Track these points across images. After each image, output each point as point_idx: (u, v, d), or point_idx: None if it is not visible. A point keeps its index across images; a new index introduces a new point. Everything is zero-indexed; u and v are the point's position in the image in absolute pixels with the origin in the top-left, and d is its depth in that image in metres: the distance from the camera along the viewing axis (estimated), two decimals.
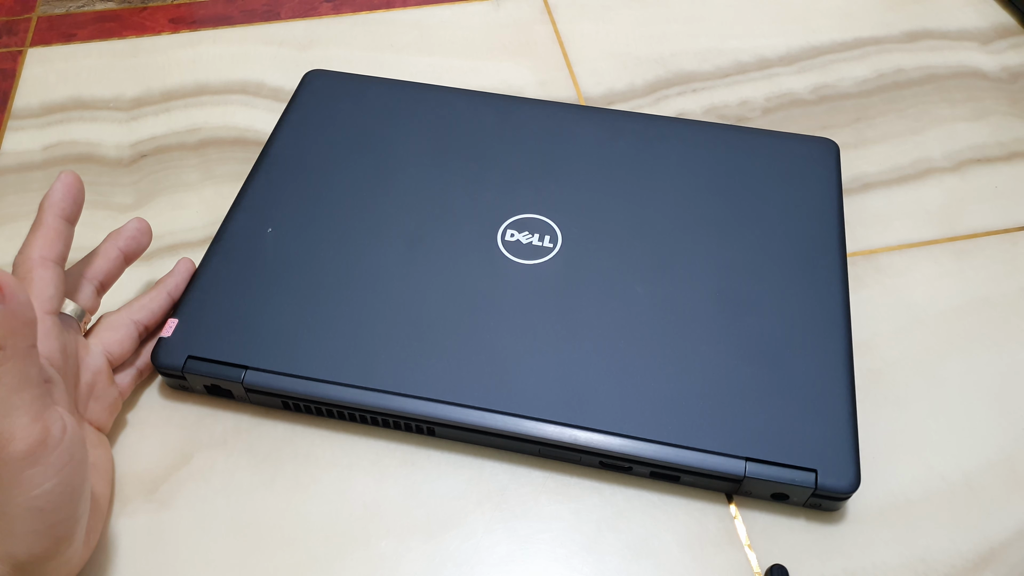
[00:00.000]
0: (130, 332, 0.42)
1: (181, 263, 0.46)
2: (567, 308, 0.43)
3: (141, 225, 0.44)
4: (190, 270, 0.45)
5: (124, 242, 0.43)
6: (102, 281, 0.42)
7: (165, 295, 0.44)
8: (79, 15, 0.65)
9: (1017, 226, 0.51)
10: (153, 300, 0.43)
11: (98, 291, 0.42)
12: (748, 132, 0.52)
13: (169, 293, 0.44)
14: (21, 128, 0.57)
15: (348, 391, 0.40)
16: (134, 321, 0.42)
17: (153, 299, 0.44)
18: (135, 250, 0.44)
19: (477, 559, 0.38)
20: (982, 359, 0.45)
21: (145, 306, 0.43)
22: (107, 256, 0.42)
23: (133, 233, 0.44)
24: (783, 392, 0.40)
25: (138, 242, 0.44)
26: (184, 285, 0.45)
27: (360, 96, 0.53)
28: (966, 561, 0.39)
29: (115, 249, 0.43)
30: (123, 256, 0.43)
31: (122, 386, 0.42)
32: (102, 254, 0.42)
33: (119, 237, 0.43)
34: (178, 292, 0.44)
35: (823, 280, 0.44)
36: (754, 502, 0.40)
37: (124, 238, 0.43)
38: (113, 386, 0.41)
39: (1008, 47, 0.62)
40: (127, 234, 0.43)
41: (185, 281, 0.45)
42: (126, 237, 0.43)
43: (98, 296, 0.42)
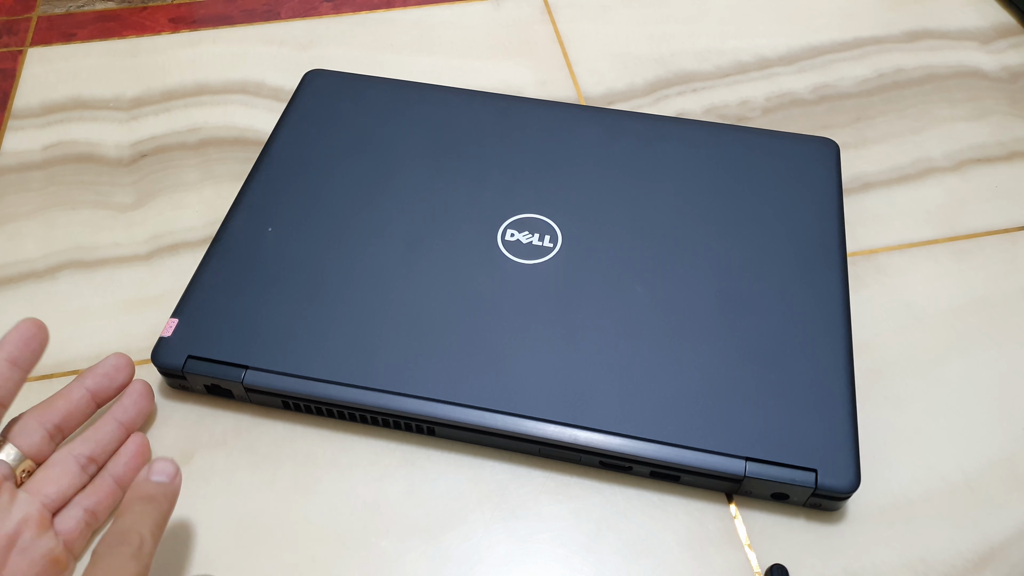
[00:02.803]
0: (68, 468, 0.37)
1: (134, 386, 0.41)
2: (567, 308, 0.43)
3: (118, 362, 0.40)
4: (143, 393, 0.41)
5: (93, 381, 0.39)
6: (58, 425, 0.38)
7: (115, 424, 0.39)
8: (79, 15, 0.65)
9: (1017, 226, 0.51)
10: (99, 431, 0.39)
11: (51, 436, 0.38)
12: (748, 132, 0.52)
13: (120, 422, 0.40)
14: (21, 128, 0.57)
15: (348, 391, 0.40)
16: (74, 455, 0.38)
17: (99, 429, 0.39)
18: (107, 390, 0.40)
19: (477, 559, 0.38)
20: (982, 359, 0.45)
21: (90, 437, 0.39)
22: (69, 398, 0.39)
23: (108, 371, 0.40)
24: (783, 392, 0.40)
25: (112, 380, 0.40)
26: (139, 412, 0.40)
27: (360, 96, 0.53)
28: (966, 561, 0.39)
29: (82, 389, 0.39)
30: (91, 397, 0.39)
31: (65, 532, 0.36)
32: (64, 395, 0.39)
33: (88, 376, 0.40)
34: (130, 420, 0.40)
35: (823, 280, 0.44)
36: (754, 502, 0.40)
37: (94, 376, 0.39)
38: (47, 535, 0.35)
39: (1008, 47, 0.62)
40: (100, 372, 0.40)
41: (139, 409, 0.40)
42: (98, 375, 0.40)
43: (51, 442, 0.38)
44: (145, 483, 0.34)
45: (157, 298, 0.48)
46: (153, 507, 0.34)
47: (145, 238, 0.51)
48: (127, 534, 0.32)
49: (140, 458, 0.40)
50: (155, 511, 0.33)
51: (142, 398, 0.41)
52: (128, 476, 0.39)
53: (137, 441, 0.40)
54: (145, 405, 0.41)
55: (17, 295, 0.48)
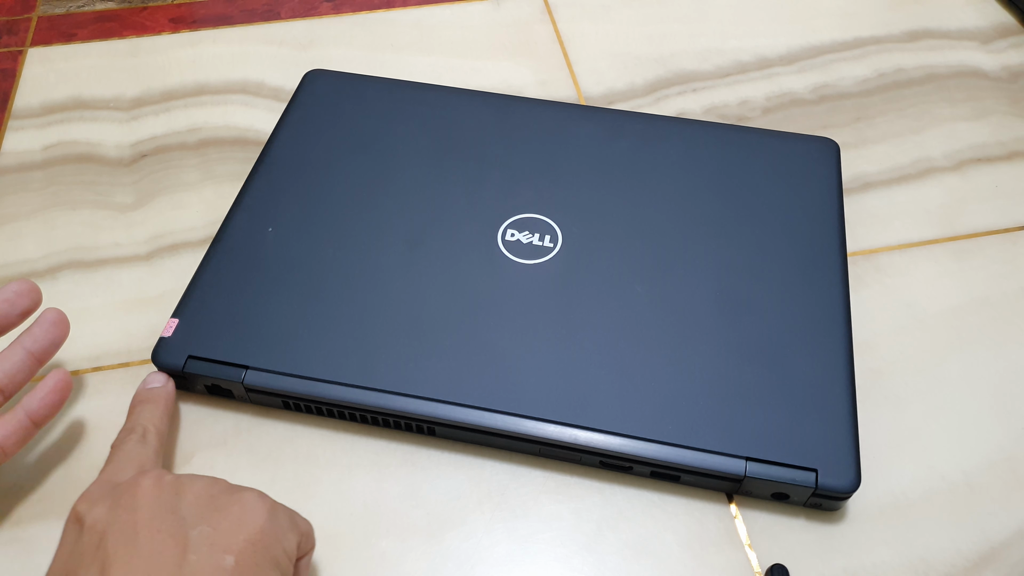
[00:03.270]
0: None
1: (46, 315, 0.39)
2: (567, 308, 0.43)
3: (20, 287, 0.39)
4: (55, 322, 0.39)
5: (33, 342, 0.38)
6: None
7: (24, 353, 0.38)
8: (79, 15, 0.65)
9: (1017, 226, 0.51)
10: (6, 360, 0.37)
11: None
12: (748, 132, 0.52)
13: (28, 351, 0.38)
14: (21, 128, 0.57)
15: (348, 391, 0.40)
16: None
17: (6, 359, 0.38)
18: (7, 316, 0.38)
19: (477, 559, 0.38)
20: (982, 359, 0.45)
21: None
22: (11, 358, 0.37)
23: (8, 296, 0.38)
24: (783, 392, 0.40)
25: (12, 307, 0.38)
26: (51, 342, 0.39)
27: (360, 96, 0.53)
28: (966, 561, 0.39)
29: (21, 350, 0.38)
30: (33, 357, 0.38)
31: None
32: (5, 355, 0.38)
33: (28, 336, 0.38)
34: (40, 350, 0.38)
35: (823, 280, 0.44)
36: (754, 502, 0.40)
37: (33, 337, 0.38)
38: None
39: (1008, 47, 0.62)
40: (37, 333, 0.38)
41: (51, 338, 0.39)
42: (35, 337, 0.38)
43: None
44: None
45: (157, 298, 0.48)
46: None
47: (145, 238, 0.51)
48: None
49: (58, 395, 0.38)
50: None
51: (54, 327, 0.39)
52: (43, 413, 0.37)
53: (57, 377, 0.38)
54: (58, 334, 0.39)
55: None
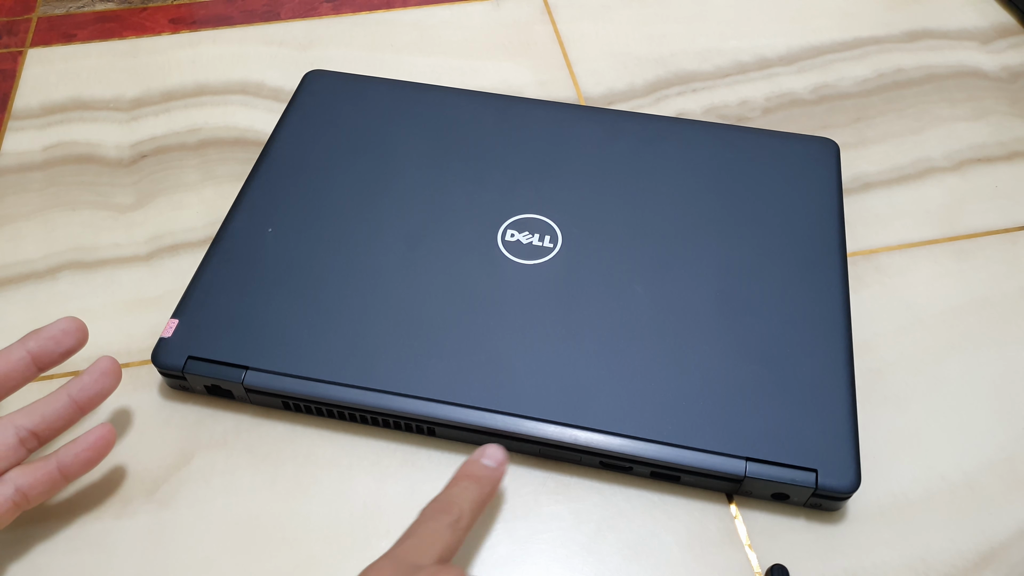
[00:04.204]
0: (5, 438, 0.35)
1: (100, 363, 0.37)
2: (567, 308, 0.43)
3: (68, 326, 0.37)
4: (107, 371, 0.37)
5: (37, 344, 0.36)
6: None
7: (67, 400, 0.36)
8: (79, 15, 0.65)
9: (1017, 226, 0.51)
10: (49, 405, 0.36)
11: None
12: (748, 132, 0.52)
13: (73, 399, 0.36)
14: (21, 128, 0.57)
15: (348, 391, 0.40)
16: (15, 426, 0.35)
17: (49, 403, 0.36)
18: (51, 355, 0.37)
19: (477, 559, 0.38)
20: (982, 359, 0.45)
21: (36, 410, 0.35)
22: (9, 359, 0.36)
23: (55, 334, 0.36)
24: (783, 392, 0.40)
25: (58, 344, 0.37)
26: (99, 392, 0.37)
27: (360, 96, 0.53)
28: (966, 561, 0.39)
29: (22, 351, 0.36)
30: (32, 361, 0.37)
31: None
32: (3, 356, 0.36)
33: (31, 338, 0.36)
34: (86, 400, 0.36)
35: (823, 280, 0.44)
36: (754, 502, 0.40)
37: (39, 339, 0.36)
38: None
39: (1008, 47, 0.62)
40: (47, 335, 0.36)
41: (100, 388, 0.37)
42: (43, 338, 0.36)
43: None
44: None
45: (157, 299, 0.48)
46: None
47: (145, 239, 0.51)
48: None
49: (95, 453, 0.36)
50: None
51: (105, 377, 0.37)
52: (75, 469, 0.36)
53: (99, 433, 0.36)
54: (108, 385, 0.37)
55: (17, 296, 0.48)
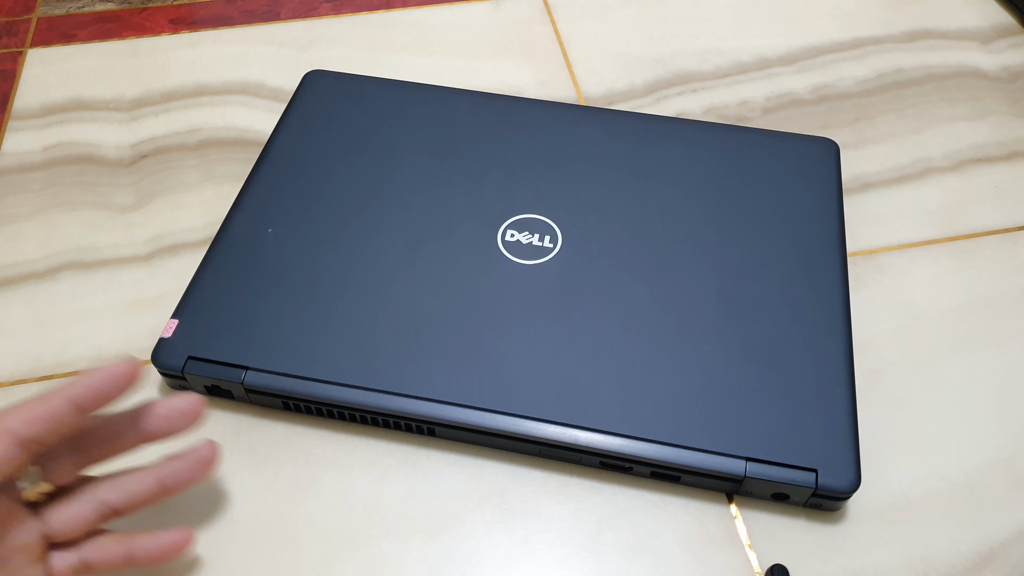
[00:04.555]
0: (86, 511, 0.34)
1: (201, 450, 0.36)
2: (567, 308, 0.43)
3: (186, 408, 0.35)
4: (205, 461, 0.36)
5: (152, 424, 0.35)
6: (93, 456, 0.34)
7: (157, 486, 0.35)
8: (79, 16, 0.65)
9: (1017, 226, 0.51)
10: (137, 483, 0.35)
11: (79, 463, 0.34)
12: (748, 132, 0.52)
13: (163, 485, 0.35)
14: (21, 129, 0.57)
15: (348, 391, 0.40)
16: (98, 499, 0.34)
17: (138, 482, 0.35)
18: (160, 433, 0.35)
19: (477, 559, 0.38)
20: (982, 359, 0.45)
21: (124, 486, 0.35)
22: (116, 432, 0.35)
23: (170, 415, 0.35)
24: (783, 392, 0.40)
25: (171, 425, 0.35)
26: (191, 479, 0.36)
27: (360, 96, 0.53)
28: (966, 561, 0.39)
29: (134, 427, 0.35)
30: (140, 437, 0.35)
31: (56, 570, 0.34)
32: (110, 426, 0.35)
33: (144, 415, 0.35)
34: (176, 487, 0.36)
35: (823, 280, 0.44)
36: (754, 502, 0.40)
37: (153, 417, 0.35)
38: (36, 567, 0.33)
39: (1008, 47, 0.62)
40: (161, 413, 0.35)
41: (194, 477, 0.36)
42: (158, 417, 0.35)
43: (77, 468, 0.34)
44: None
45: (157, 299, 0.48)
46: None
47: (145, 239, 0.51)
48: None
49: (168, 554, 0.35)
50: None
51: (200, 467, 0.36)
52: (142, 562, 0.35)
53: (180, 536, 0.36)
54: (200, 475, 0.36)
55: (17, 296, 0.48)
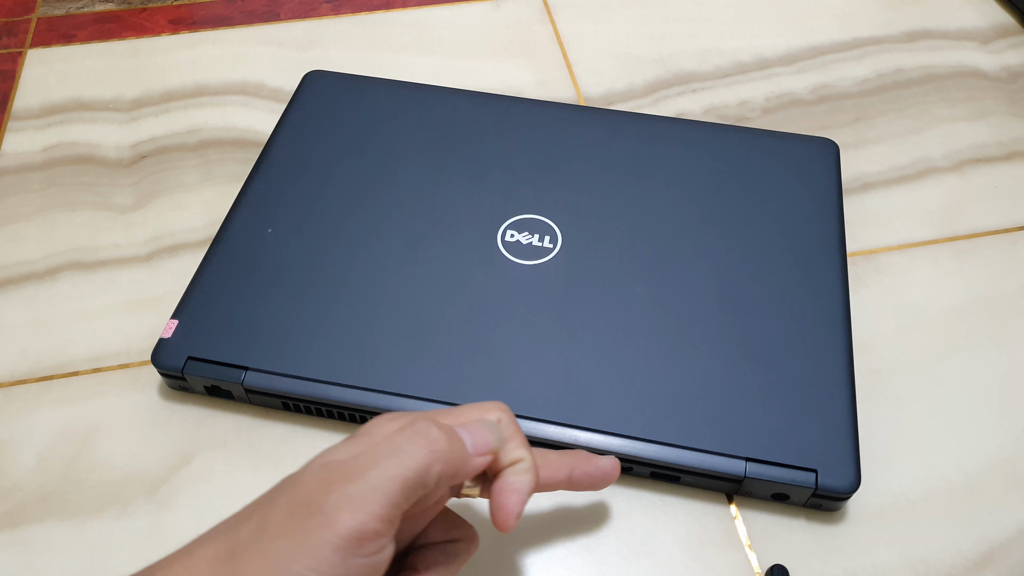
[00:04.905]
0: None
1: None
2: (567, 308, 0.43)
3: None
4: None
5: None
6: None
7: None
8: (79, 16, 0.65)
9: (1017, 226, 0.51)
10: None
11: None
12: (748, 132, 0.52)
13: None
14: (21, 129, 0.57)
15: (348, 392, 0.40)
16: None
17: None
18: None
19: (477, 560, 0.38)
20: (982, 359, 0.45)
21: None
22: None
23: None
24: (783, 392, 0.40)
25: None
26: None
27: (360, 97, 0.53)
28: (966, 561, 0.39)
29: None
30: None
31: None
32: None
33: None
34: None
35: (823, 280, 0.44)
36: (754, 502, 0.40)
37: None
38: None
39: (1008, 47, 0.62)
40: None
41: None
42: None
43: None
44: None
45: (157, 299, 0.48)
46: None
47: (145, 239, 0.51)
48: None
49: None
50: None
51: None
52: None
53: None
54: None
55: (17, 296, 0.48)
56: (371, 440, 0.30)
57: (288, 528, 0.27)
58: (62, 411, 0.43)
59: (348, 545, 0.27)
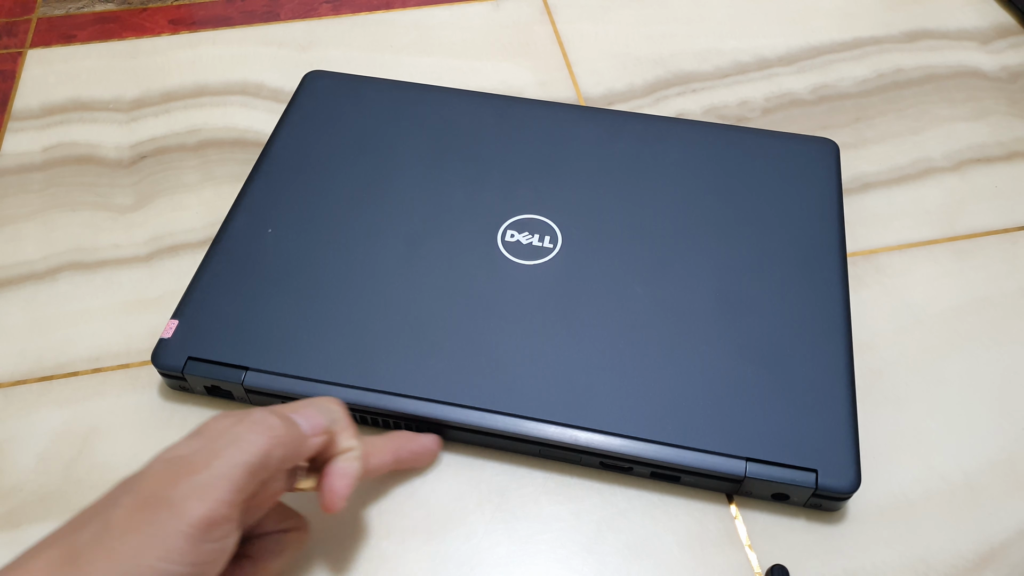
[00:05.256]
0: None
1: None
2: (567, 308, 0.43)
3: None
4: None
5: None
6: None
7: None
8: (79, 16, 0.65)
9: (1017, 226, 0.51)
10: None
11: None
12: (748, 132, 0.52)
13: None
14: (21, 129, 0.57)
15: (348, 392, 0.40)
16: None
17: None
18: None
19: (477, 560, 0.38)
20: (982, 359, 0.45)
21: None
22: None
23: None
24: (783, 392, 0.40)
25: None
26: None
27: (360, 97, 0.53)
28: (966, 561, 0.39)
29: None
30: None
31: None
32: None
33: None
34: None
35: (823, 280, 0.44)
36: (754, 502, 0.40)
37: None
38: None
39: (1008, 47, 0.62)
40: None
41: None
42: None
43: None
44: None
45: (157, 299, 0.48)
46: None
47: (145, 239, 0.51)
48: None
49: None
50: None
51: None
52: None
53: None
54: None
55: (17, 296, 0.48)
56: (211, 435, 0.32)
57: (135, 524, 0.28)
58: (62, 411, 0.43)
59: (198, 532, 0.29)
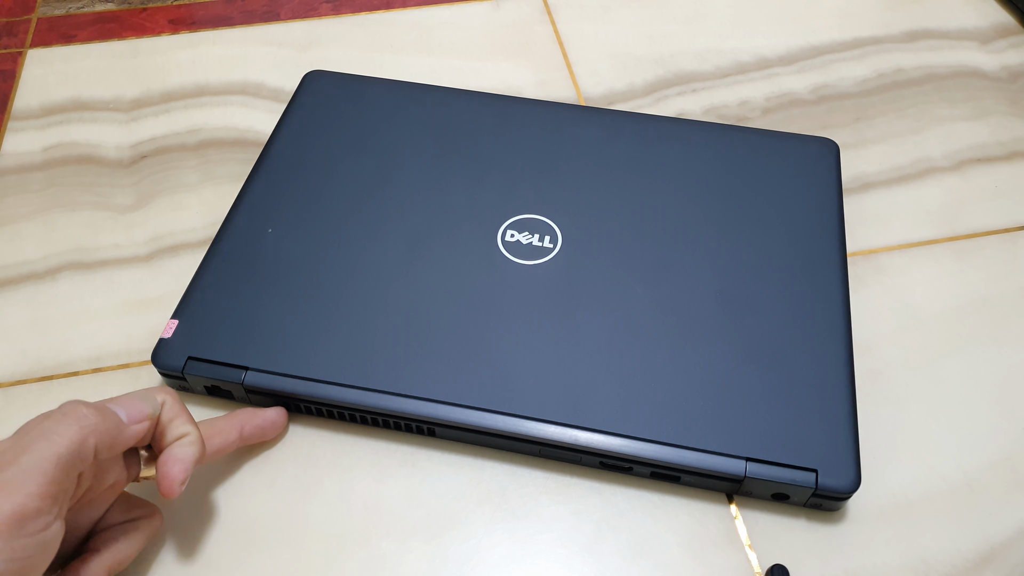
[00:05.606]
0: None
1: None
2: (567, 308, 0.43)
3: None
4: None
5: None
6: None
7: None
8: (79, 16, 0.65)
9: (1017, 226, 0.51)
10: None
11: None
12: (748, 132, 0.52)
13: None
14: (21, 129, 0.57)
15: (348, 392, 0.40)
16: None
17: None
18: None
19: (477, 560, 0.38)
20: (982, 359, 0.45)
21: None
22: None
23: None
24: (783, 392, 0.40)
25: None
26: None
27: (360, 97, 0.53)
28: (966, 561, 0.39)
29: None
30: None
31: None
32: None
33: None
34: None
35: (823, 280, 0.44)
36: (754, 502, 0.40)
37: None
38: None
39: (1008, 47, 0.62)
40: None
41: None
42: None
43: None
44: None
45: (157, 299, 0.48)
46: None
47: (145, 239, 0.51)
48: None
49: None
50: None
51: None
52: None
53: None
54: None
55: (17, 296, 0.48)
56: (23, 432, 0.32)
57: None
58: None
59: (9, 528, 0.29)
